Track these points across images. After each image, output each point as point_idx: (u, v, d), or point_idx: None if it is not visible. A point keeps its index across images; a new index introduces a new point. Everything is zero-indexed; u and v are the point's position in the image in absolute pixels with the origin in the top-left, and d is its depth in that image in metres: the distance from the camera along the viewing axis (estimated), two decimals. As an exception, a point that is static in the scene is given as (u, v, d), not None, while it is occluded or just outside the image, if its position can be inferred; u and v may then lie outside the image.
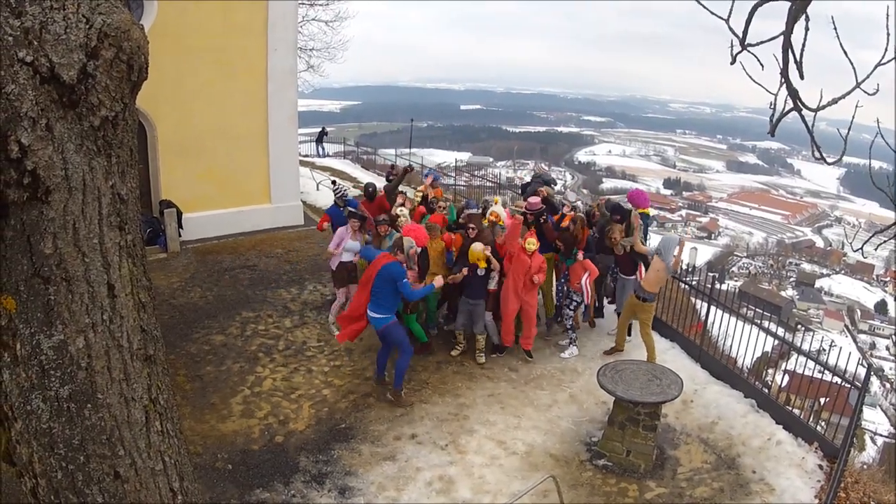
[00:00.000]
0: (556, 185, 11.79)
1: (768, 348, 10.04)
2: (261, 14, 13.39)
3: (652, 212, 11.76)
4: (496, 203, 10.82)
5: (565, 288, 9.85)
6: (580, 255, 9.42)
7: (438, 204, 10.84)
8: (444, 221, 10.43)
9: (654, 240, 10.51)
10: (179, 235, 12.95)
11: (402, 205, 10.26)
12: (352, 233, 9.63)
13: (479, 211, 10.65)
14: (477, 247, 9.01)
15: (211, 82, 13.05)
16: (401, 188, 11.37)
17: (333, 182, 11.30)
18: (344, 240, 9.63)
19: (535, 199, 10.17)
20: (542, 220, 9.83)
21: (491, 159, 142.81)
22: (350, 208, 10.01)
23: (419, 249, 9.08)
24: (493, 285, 9.44)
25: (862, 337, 76.03)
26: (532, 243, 9.02)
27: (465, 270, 8.95)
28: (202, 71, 12.85)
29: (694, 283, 10.09)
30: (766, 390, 9.38)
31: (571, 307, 9.73)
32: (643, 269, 9.41)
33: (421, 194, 11.33)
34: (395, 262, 8.05)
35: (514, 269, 9.13)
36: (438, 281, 8.51)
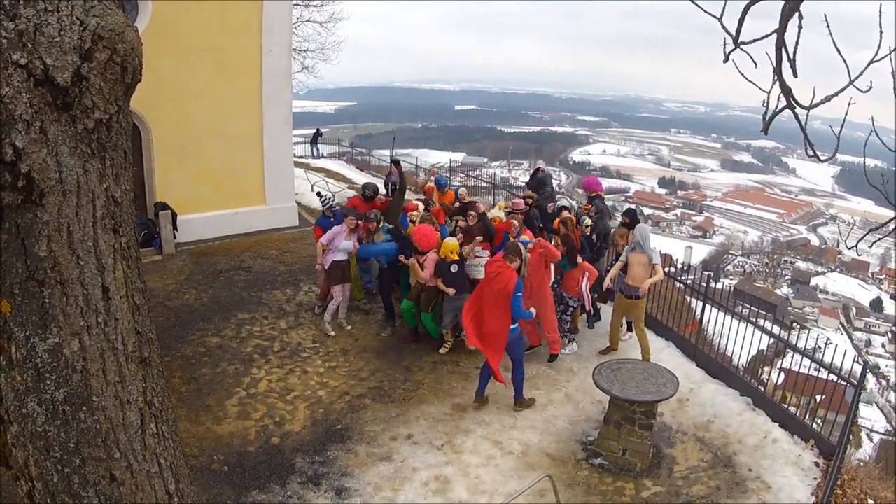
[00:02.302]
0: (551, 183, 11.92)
1: (764, 346, 10.04)
2: (255, 15, 13.37)
3: (647, 211, 11.94)
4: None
5: (558, 291, 9.77)
6: (579, 259, 9.40)
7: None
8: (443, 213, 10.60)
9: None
10: (174, 237, 12.92)
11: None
12: (347, 232, 9.67)
13: (471, 200, 10.78)
14: (449, 240, 9.09)
15: (206, 84, 13.02)
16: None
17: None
18: (338, 237, 9.65)
19: (518, 202, 10.28)
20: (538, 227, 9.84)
21: (486, 159, 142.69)
22: (346, 213, 10.00)
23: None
24: (481, 273, 9.35)
25: (857, 334, 76.29)
26: (524, 240, 9.01)
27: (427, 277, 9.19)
28: (197, 72, 12.83)
29: (689, 281, 10.11)
30: (762, 388, 9.42)
31: (568, 313, 9.70)
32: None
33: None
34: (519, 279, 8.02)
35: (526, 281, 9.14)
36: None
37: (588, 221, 10.17)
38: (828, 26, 2.90)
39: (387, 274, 10.08)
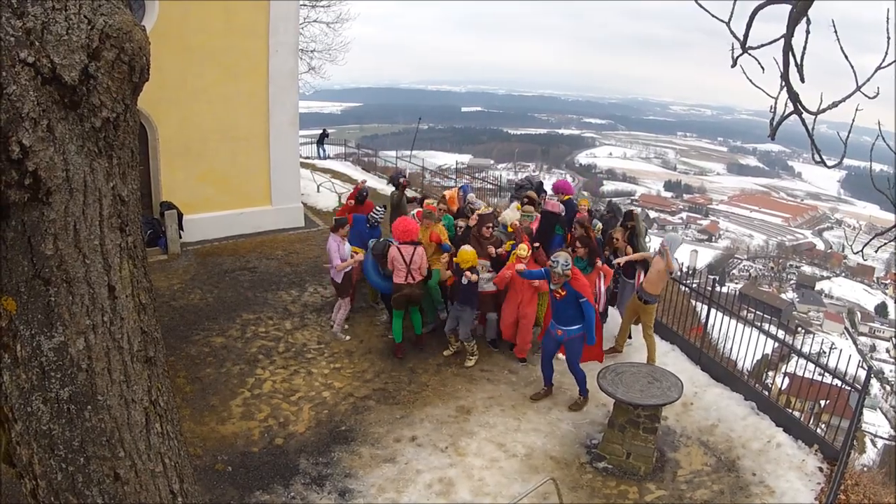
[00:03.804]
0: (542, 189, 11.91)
1: (768, 351, 10.02)
2: (262, 15, 13.40)
3: (652, 214, 11.98)
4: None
5: None
6: (598, 262, 9.36)
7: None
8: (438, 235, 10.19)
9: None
10: (180, 237, 12.96)
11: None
12: (341, 241, 9.65)
13: (491, 211, 10.66)
14: (466, 249, 8.99)
15: (212, 84, 13.06)
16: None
17: (383, 207, 10.95)
18: (341, 251, 9.58)
19: (553, 202, 10.21)
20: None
21: (492, 161, 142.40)
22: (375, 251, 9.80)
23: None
24: (490, 286, 9.36)
25: (862, 339, 75.85)
26: (523, 249, 8.95)
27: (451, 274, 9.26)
28: (204, 72, 12.87)
29: (694, 285, 10.09)
30: (767, 393, 9.38)
31: None
32: (642, 272, 9.41)
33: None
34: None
35: (515, 283, 9.07)
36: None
37: (599, 225, 10.21)
38: (836, 32, 2.89)
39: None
